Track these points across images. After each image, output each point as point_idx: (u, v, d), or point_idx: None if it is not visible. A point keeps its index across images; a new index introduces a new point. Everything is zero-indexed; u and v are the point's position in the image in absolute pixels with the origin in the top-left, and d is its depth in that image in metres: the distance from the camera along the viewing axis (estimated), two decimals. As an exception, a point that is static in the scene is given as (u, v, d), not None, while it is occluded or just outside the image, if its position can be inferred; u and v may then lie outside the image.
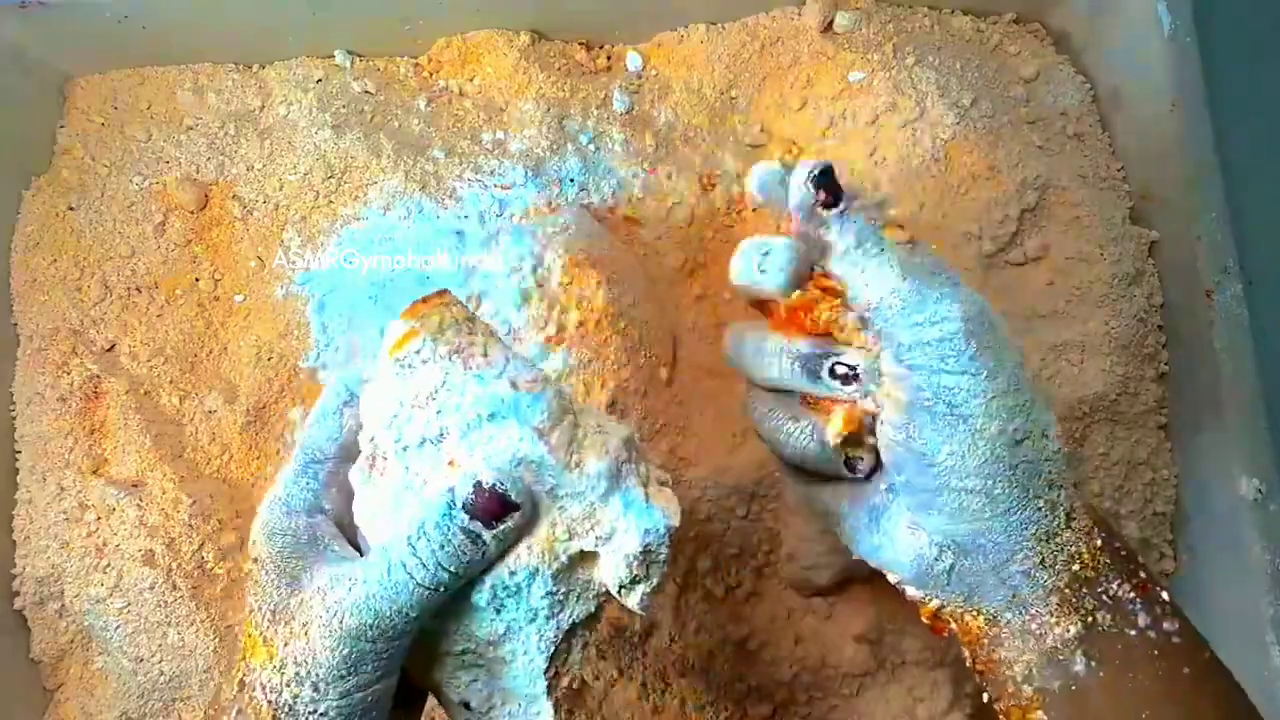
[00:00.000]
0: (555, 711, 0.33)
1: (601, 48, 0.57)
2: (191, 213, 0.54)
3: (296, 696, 0.30)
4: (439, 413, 0.32)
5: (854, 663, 0.49)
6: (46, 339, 0.52)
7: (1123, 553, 0.34)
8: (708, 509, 0.49)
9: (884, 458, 0.35)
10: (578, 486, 0.31)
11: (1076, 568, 0.33)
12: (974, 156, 0.52)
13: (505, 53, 0.55)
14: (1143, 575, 0.34)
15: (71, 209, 0.54)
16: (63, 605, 0.50)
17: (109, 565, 0.49)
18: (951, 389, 0.32)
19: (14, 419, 0.52)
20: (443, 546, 0.30)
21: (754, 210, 0.54)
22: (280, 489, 0.34)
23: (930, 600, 0.35)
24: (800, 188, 0.35)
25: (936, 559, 0.34)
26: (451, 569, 0.30)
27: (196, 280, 0.54)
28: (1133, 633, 0.33)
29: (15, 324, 0.53)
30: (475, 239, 0.51)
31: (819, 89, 0.54)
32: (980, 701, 0.44)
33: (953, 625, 0.35)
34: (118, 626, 0.49)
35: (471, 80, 0.56)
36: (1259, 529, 0.47)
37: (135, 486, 0.50)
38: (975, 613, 0.34)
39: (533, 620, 0.32)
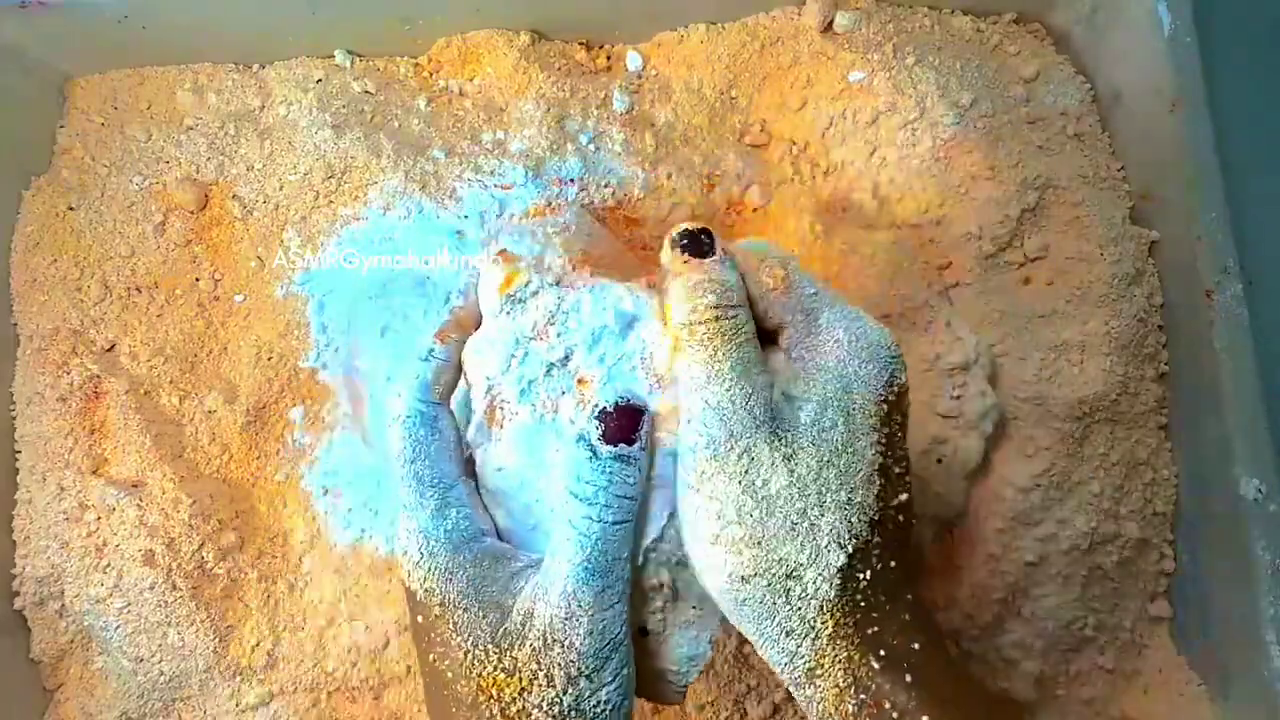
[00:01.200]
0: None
1: (601, 48, 0.57)
2: (191, 213, 0.54)
3: (578, 696, 0.31)
4: (560, 335, 0.33)
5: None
6: (46, 339, 0.52)
7: (893, 715, 0.31)
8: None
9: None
10: None
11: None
12: (974, 156, 0.52)
13: (505, 53, 0.55)
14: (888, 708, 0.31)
15: (71, 209, 0.54)
16: (63, 605, 0.50)
17: (109, 565, 0.49)
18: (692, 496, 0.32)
19: (14, 419, 0.52)
20: (608, 484, 0.31)
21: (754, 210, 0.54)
22: (430, 529, 0.33)
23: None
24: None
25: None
26: (628, 496, 0.31)
27: (196, 280, 0.54)
28: None
29: (15, 324, 0.53)
30: (475, 239, 0.51)
31: (819, 89, 0.54)
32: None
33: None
34: (118, 626, 0.49)
35: (471, 80, 0.56)
36: (1259, 529, 0.47)
37: (135, 486, 0.50)
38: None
39: None
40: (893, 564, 0.33)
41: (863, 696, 0.31)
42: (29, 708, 0.51)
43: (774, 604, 0.31)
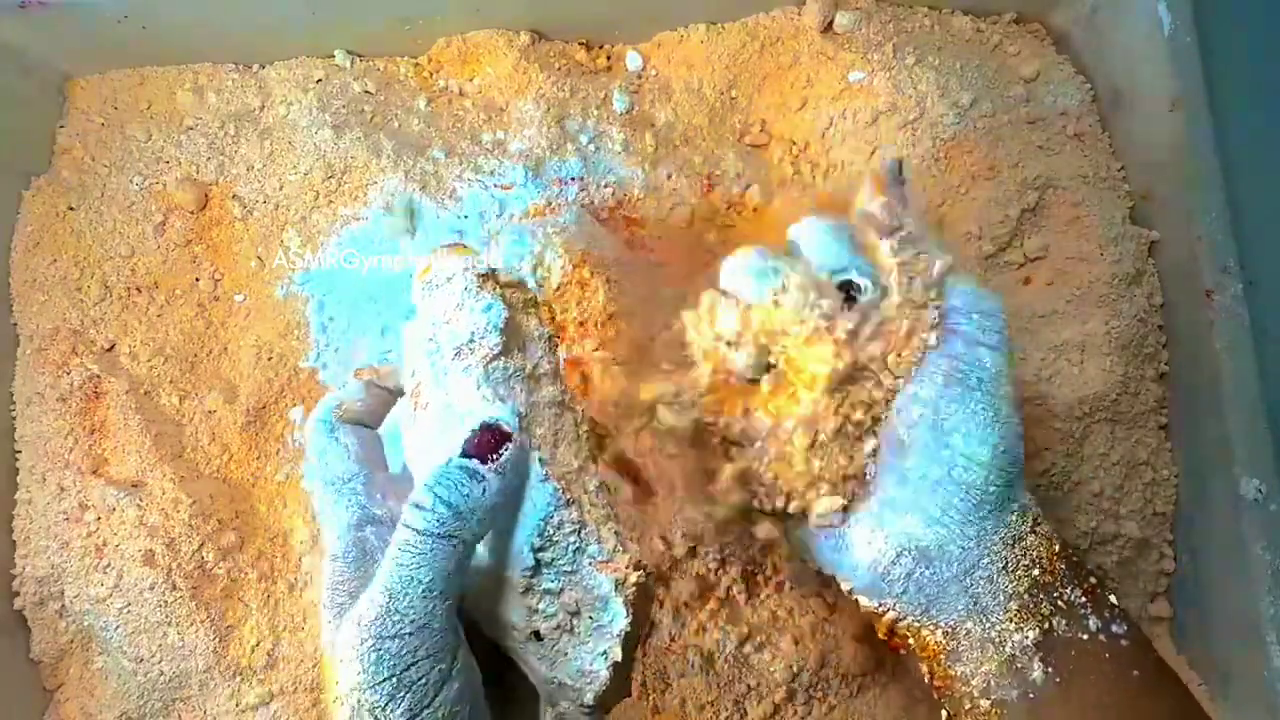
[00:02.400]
0: (626, 612, 0.32)
1: (601, 48, 0.57)
2: (191, 213, 0.54)
3: (375, 708, 0.29)
4: (465, 319, 0.33)
5: (854, 663, 0.48)
6: (46, 339, 0.52)
7: (1074, 558, 0.35)
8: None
9: (897, 438, 0.35)
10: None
11: (1037, 573, 0.34)
12: (974, 156, 0.52)
13: (505, 53, 0.55)
14: (1092, 580, 0.35)
15: (71, 209, 0.54)
16: (63, 605, 0.50)
17: (109, 565, 0.49)
18: (985, 364, 0.34)
19: (14, 419, 0.52)
20: (447, 493, 0.29)
21: (754, 210, 0.54)
22: (333, 520, 0.34)
23: (885, 612, 0.35)
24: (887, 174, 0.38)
25: (894, 564, 0.34)
26: (461, 510, 0.29)
27: (196, 280, 0.54)
28: (1085, 637, 0.33)
29: (15, 324, 0.53)
30: (475, 239, 0.51)
31: (819, 89, 0.54)
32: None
33: (910, 640, 0.35)
34: (118, 626, 0.49)
35: (471, 80, 0.56)
36: (1259, 529, 0.47)
37: (135, 486, 0.50)
38: (933, 626, 0.35)
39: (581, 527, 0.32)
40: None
41: (1060, 541, 0.35)
42: (29, 708, 0.51)
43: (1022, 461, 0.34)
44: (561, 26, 0.56)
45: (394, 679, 0.28)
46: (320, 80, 0.55)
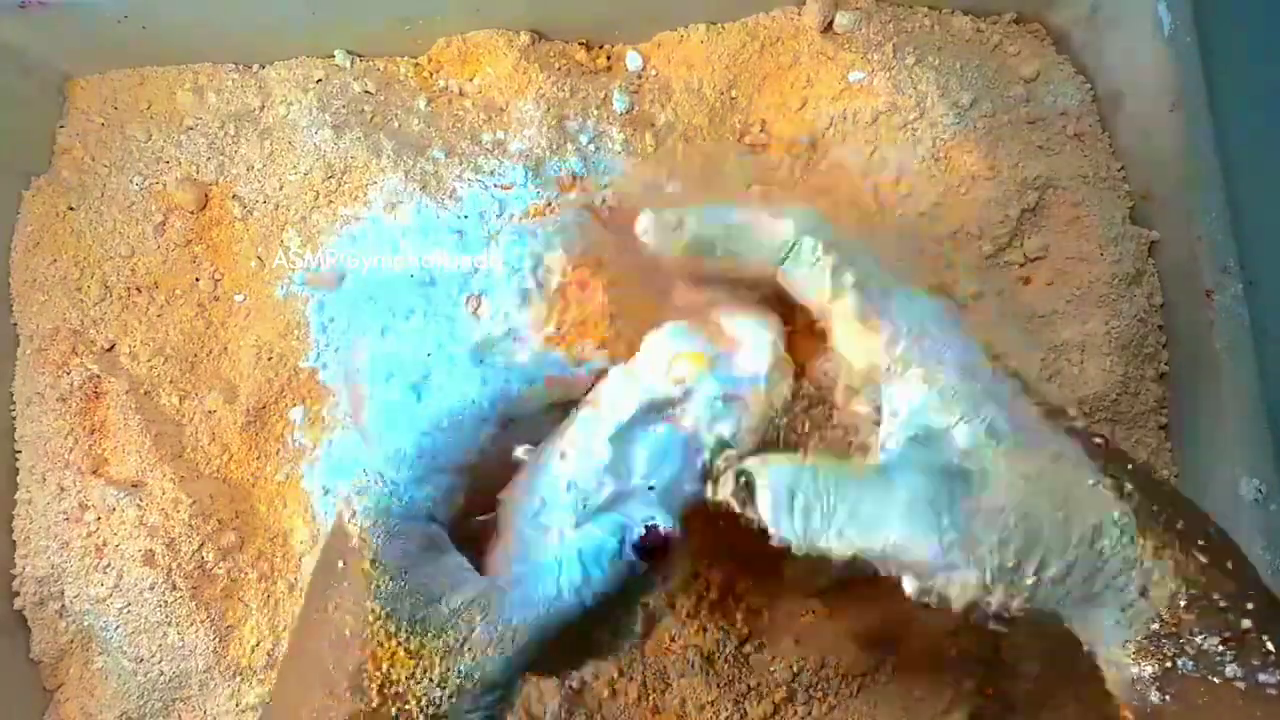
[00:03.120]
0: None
1: (601, 48, 0.57)
2: (191, 213, 0.54)
3: (454, 705, 0.32)
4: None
5: (854, 663, 0.48)
6: (46, 339, 0.52)
7: (1220, 605, 0.32)
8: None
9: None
10: None
11: (1156, 626, 0.32)
12: (974, 156, 0.52)
13: (505, 53, 0.55)
14: (1244, 625, 0.32)
15: (71, 209, 0.54)
16: (63, 605, 0.50)
17: (109, 565, 0.49)
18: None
19: (14, 419, 0.52)
20: (610, 578, 0.33)
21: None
22: (399, 490, 0.34)
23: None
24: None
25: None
26: (609, 591, 0.33)
27: (196, 280, 0.54)
28: (1217, 680, 0.31)
29: (15, 324, 0.53)
30: (475, 239, 0.51)
31: (819, 89, 0.54)
32: (980, 702, 0.44)
33: None
34: (118, 626, 0.49)
35: (471, 80, 0.56)
36: (1259, 529, 0.47)
37: (135, 486, 0.50)
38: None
39: None
40: (1126, 457, 0.34)
41: (1194, 592, 0.32)
42: (29, 708, 0.51)
43: (1094, 570, 0.32)
44: (561, 26, 0.56)
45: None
46: (320, 80, 0.55)
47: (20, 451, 0.52)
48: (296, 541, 0.50)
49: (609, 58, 0.57)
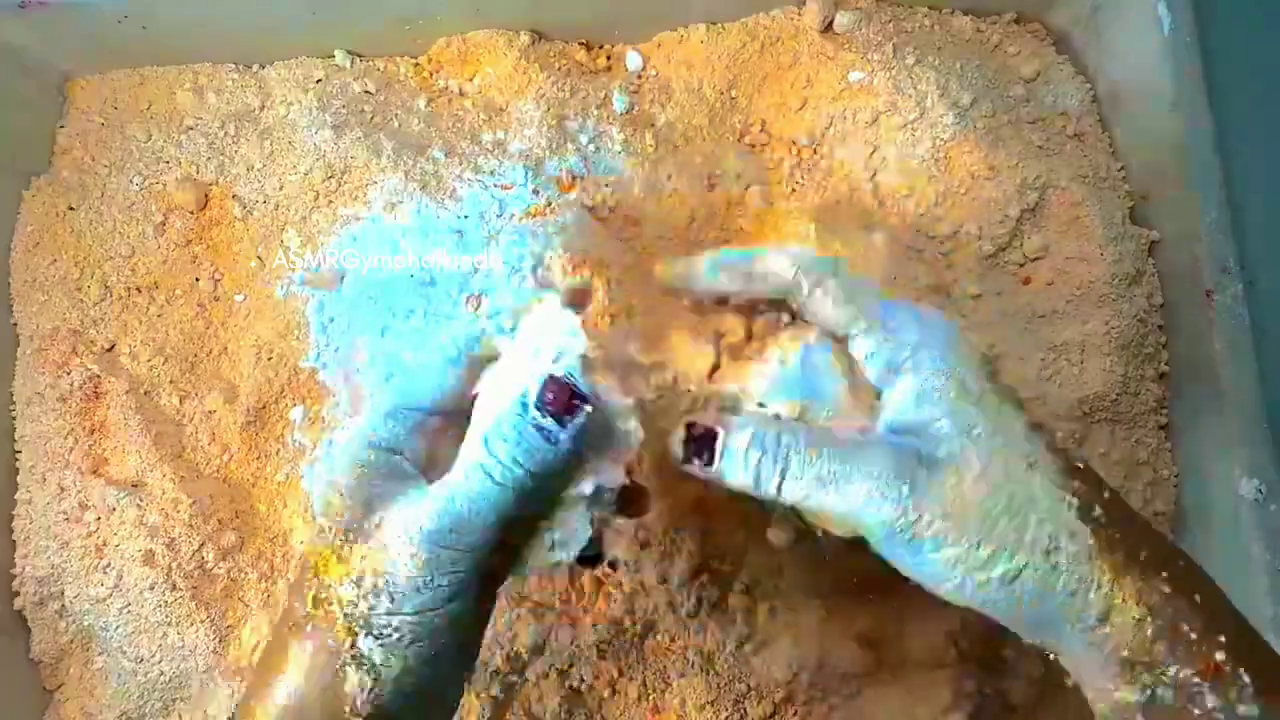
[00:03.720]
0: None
1: (601, 48, 0.57)
2: (191, 213, 0.54)
3: (372, 608, 0.32)
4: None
5: (854, 663, 0.48)
6: (46, 339, 0.52)
7: (1191, 636, 0.33)
8: (709, 508, 0.49)
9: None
10: None
11: (1125, 654, 0.33)
12: (974, 156, 0.52)
13: (505, 53, 0.55)
14: (1218, 658, 0.32)
15: (71, 209, 0.54)
16: (63, 605, 0.50)
17: (109, 565, 0.49)
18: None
19: (14, 419, 0.52)
20: (518, 443, 0.32)
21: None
22: (366, 424, 0.35)
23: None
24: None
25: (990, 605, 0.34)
26: (528, 467, 0.32)
27: (196, 280, 0.54)
28: (1198, 711, 0.32)
29: (15, 324, 0.53)
30: (475, 239, 0.51)
31: (819, 89, 0.54)
32: (979, 702, 0.44)
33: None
34: (118, 626, 0.49)
35: (471, 80, 0.56)
36: (1259, 529, 0.47)
37: (135, 486, 0.50)
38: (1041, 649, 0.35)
39: None
40: (1103, 485, 0.35)
41: (1159, 621, 0.33)
42: (29, 708, 0.51)
43: (1047, 583, 0.33)
44: (561, 26, 0.56)
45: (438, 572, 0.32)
46: (320, 80, 0.55)
47: (20, 451, 0.52)
48: (296, 541, 0.50)
49: (609, 58, 0.57)
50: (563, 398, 0.32)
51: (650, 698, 0.49)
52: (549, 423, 0.32)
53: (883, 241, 0.51)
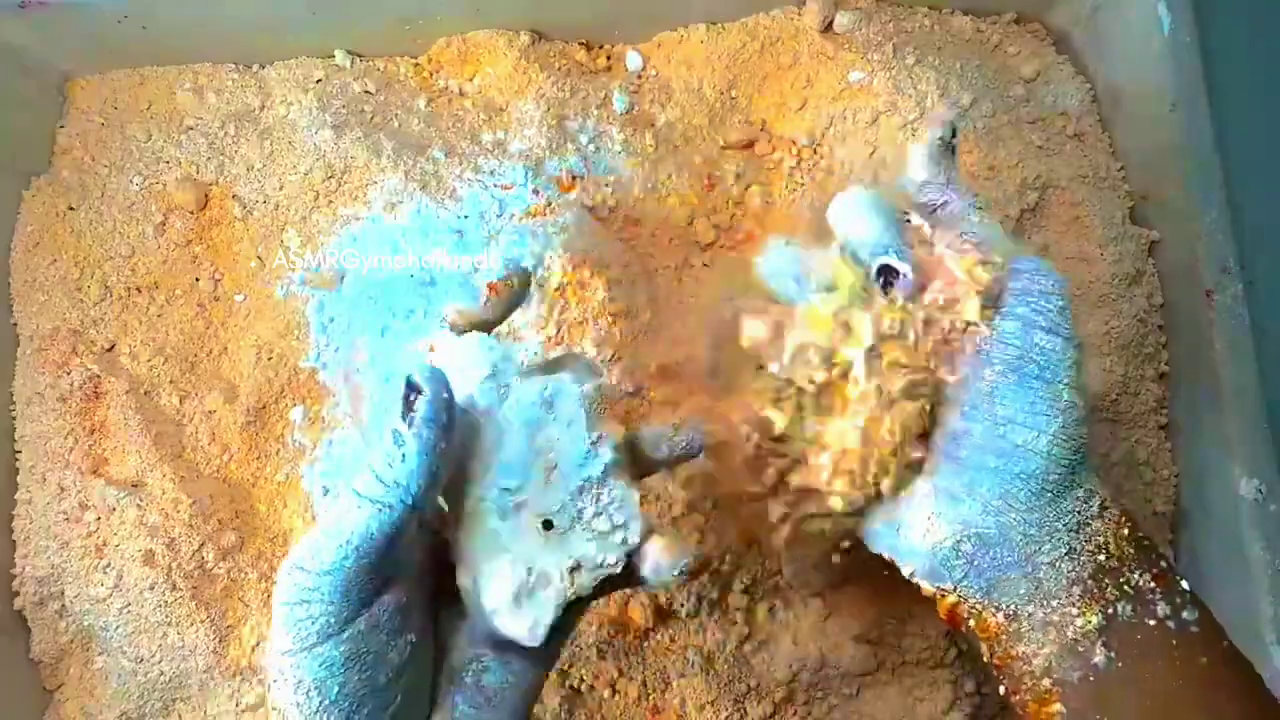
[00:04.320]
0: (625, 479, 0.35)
1: (601, 48, 0.57)
2: (191, 213, 0.54)
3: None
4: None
5: (854, 663, 0.49)
6: (46, 339, 0.52)
7: (1145, 542, 0.34)
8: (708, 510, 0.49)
9: (952, 428, 0.35)
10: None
11: (1102, 558, 0.33)
12: (974, 156, 0.52)
13: (505, 53, 0.55)
14: (1163, 565, 0.34)
15: (71, 209, 0.54)
16: (63, 605, 0.50)
17: (109, 565, 0.49)
18: (1044, 349, 0.33)
19: (14, 419, 0.52)
20: (375, 456, 0.30)
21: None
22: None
23: (946, 595, 0.35)
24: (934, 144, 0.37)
25: (954, 550, 0.34)
26: (380, 476, 0.30)
27: (196, 280, 0.54)
28: (1151, 623, 0.33)
29: (15, 324, 0.53)
30: (475, 239, 0.51)
31: (819, 89, 0.54)
32: (979, 702, 0.44)
33: (971, 621, 0.35)
34: (118, 626, 0.49)
35: (471, 80, 0.56)
36: (1259, 529, 0.47)
37: (135, 486, 0.50)
38: (995, 609, 0.34)
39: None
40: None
41: (1131, 522, 0.34)
42: (29, 708, 0.51)
43: (1084, 445, 0.34)
44: (561, 26, 0.56)
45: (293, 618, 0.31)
46: (320, 80, 0.55)
47: (20, 451, 0.52)
48: (296, 541, 0.50)
49: (609, 58, 0.57)
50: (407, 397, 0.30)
51: (650, 698, 0.49)
52: (399, 427, 0.30)
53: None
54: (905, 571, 0.36)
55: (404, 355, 0.49)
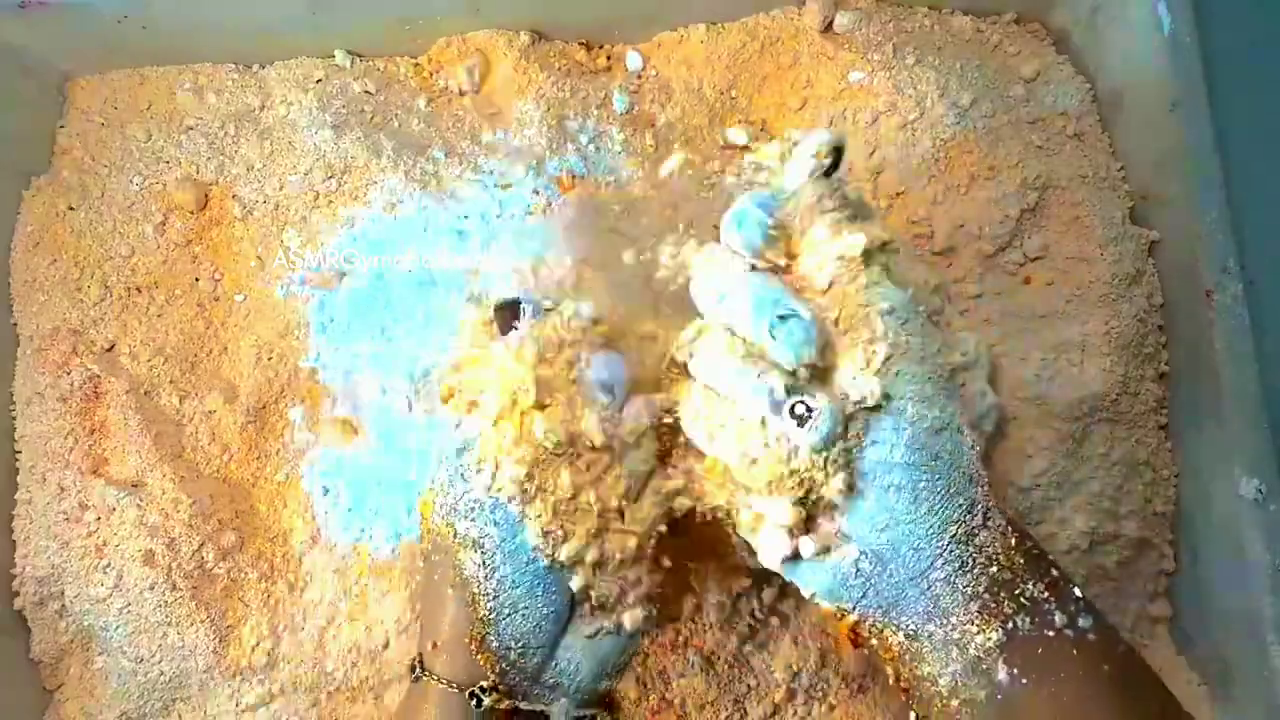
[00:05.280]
0: None
1: (601, 48, 0.57)
2: (191, 213, 0.54)
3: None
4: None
5: (854, 663, 0.48)
6: (46, 339, 0.52)
7: (1034, 551, 0.35)
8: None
9: None
10: None
11: (994, 570, 0.34)
12: (974, 156, 0.52)
13: (505, 53, 0.55)
14: (1054, 573, 0.34)
15: (71, 209, 0.54)
16: (63, 605, 0.50)
17: (109, 565, 0.49)
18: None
19: (14, 419, 0.52)
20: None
21: None
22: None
23: (845, 614, 0.35)
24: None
25: (850, 569, 0.34)
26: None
27: (196, 280, 0.54)
28: (1051, 634, 0.33)
29: (15, 324, 0.53)
30: (475, 239, 0.51)
31: (819, 89, 0.54)
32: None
33: (874, 641, 0.35)
34: (118, 626, 0.49)
35: (471, 80, 0.56)
36: (1259, 529, 0.47)
37: (135, 486, 0.50)
38: (895, 628, 0.35)
39: None
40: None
41: (1017, 531, 0.35)
42: (29, 708, 0.51)
43: (957, 453, 0.34)
44: (561, 26, 0.56)
45: None
46: (320, 80, 0.55)
47: (20, 451, 0.52)
48: (296, 541, 0.50)
49: (609, 58, 0.57)
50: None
51: (650, 698, 0.49)
52: None
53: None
54: (805, 594, 0.36)
55: (403, 355, 0.49)
